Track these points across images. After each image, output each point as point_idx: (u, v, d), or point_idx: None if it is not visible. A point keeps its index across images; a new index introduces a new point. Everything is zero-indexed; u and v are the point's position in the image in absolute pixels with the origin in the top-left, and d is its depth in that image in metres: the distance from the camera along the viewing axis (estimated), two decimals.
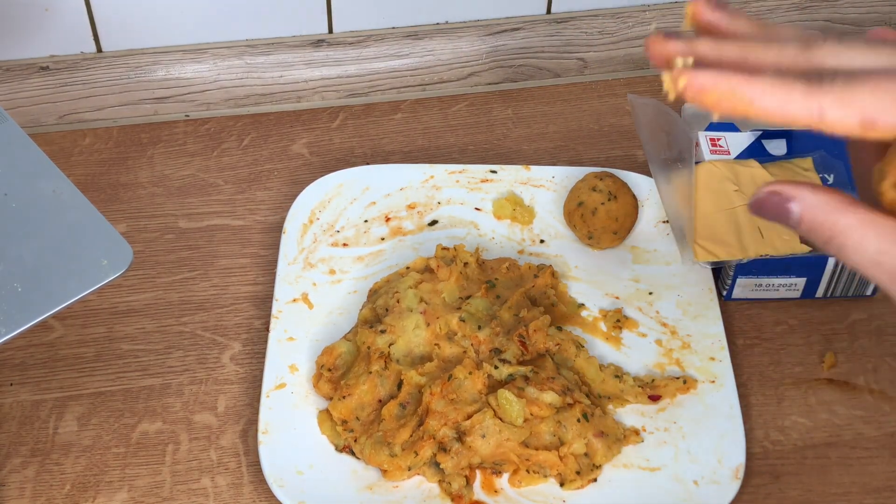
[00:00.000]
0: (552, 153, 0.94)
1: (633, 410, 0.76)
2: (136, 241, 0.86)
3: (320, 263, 0.83)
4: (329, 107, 0.98)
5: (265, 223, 0.88)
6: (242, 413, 0.76)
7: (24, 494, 0.72)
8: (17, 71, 0.93)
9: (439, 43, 0.98)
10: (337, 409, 0.73)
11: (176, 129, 0.96)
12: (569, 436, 0.72)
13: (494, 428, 0.71)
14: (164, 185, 0.91)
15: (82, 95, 0.94)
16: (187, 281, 0.84)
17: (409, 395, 0.73)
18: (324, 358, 0.76)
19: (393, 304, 0.78)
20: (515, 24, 0.99)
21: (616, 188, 0.82)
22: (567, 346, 0.77)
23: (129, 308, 0.82)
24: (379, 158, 0.93)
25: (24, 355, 0.79)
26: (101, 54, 0.94)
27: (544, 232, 0.87)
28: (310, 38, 0.97)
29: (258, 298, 0.83)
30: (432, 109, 0.98)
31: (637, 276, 0.84)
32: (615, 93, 1.00)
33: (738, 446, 0.73)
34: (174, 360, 0.79)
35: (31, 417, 0.76)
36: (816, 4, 1.01)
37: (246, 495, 0.72)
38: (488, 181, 0.89)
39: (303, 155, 0.94)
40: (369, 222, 0.86)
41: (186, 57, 0.95)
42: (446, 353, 0.76)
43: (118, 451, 0.74)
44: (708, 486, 0.71)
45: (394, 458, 0.71)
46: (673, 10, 1.00)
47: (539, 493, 0.71)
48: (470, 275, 0.81)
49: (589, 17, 0.99)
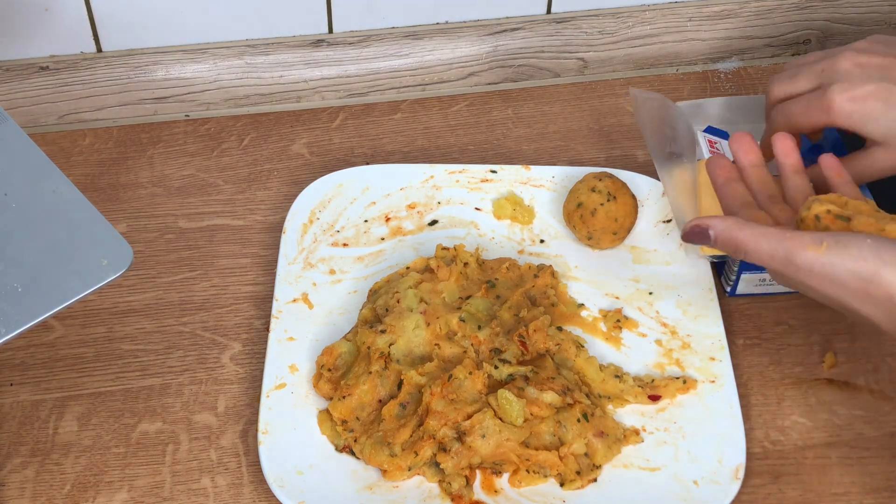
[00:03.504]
0: (552, 153, 0.94)
1: (633, 410, 0.76)
2: (136, 241, 0.86)
3: (320, 263, 0.83)
4: (329, 107, 0.98)
5: (265, 223, 0.88)
6: (242, 413, 0.76)
7: (24, 494, 0.72)
8: (17, 71, 0.93)
9: (439, 43, 0.98)
10: (337, 409, 0.73)
11: (176, 129, 0.96)
12: (569, 436, 0.72)
13: (494, 428, 0.71)
14: (164, 185, 0.91)
15: (82, 95, 0.94)
16: (187, 281, 0.84)
17: (409, 395, 0.73)
18: (324, 358, 0.76)
19: (393, 304, 0.78)
20: (515, 24, 0.99)
21: (615, 189, 0.82)
22: (567, 346, 0.77)
23: (129, 308, 0.82)
24: (379, 158, 0.93)
25: (24, 355, 0.79)
26: (101, 54, 0.94)
27: (544, 232, 0.87)
28: (310, 38, 0.97)
29: (258, 298, 0.83)
30: (432, 109, 0.98)
31: (637, 276, 0.84)
32: (615, 93, 1.00)
33: (738, 446, 0.73)
34: (174, 360, 0.79)
35: (31, 417, 0.76)
36: (816, 4, 1.01)
37: (246, 495, 0.72)
38: (488, 181, 0.89)
39: (303, 155, 0.94)
40: (369, 222, 0.86)
41: (186, 57, 0.95)
42: (446, 353, 0.76)
43: (118, 451, 0.74)
44: (708, 486, 0.71)
45: (394, 458, 0.71)
46: (673, 9, 1.00)
47: (539, 493, 0.71)
48: (470, 275, 0.81)
49: (589, 17, 0.99)
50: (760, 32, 1.02)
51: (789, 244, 0.63)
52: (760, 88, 1.01)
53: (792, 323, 0.82)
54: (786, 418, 0.77)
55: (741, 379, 0.79)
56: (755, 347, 0.81)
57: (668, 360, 0.78)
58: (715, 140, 0.87)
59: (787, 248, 0.63)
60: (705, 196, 0.82)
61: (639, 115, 0.87)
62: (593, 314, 0.81)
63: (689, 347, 0.79)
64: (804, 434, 0.76)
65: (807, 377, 0.79)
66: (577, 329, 0.80)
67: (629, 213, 0.83)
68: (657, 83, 1.01)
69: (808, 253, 0.62)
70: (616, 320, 0.81)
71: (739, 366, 0.79)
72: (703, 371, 0.77)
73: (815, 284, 0.63)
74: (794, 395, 0.78)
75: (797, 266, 0.63)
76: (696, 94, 0.99)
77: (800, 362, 0.80)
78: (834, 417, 0.77)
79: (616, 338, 0.80)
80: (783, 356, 0.80)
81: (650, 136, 0.85)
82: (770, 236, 0.64)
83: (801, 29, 1.03)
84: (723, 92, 1.00)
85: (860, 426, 0.76)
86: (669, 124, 0.85)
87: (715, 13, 1.01)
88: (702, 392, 0.76)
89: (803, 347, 0.81)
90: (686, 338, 0.80)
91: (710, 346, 0.79)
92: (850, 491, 0.73)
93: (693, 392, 0.76)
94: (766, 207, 0.71)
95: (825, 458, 0.75)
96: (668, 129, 0.85)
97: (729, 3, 1.01)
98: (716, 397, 0.76)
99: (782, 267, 0.64)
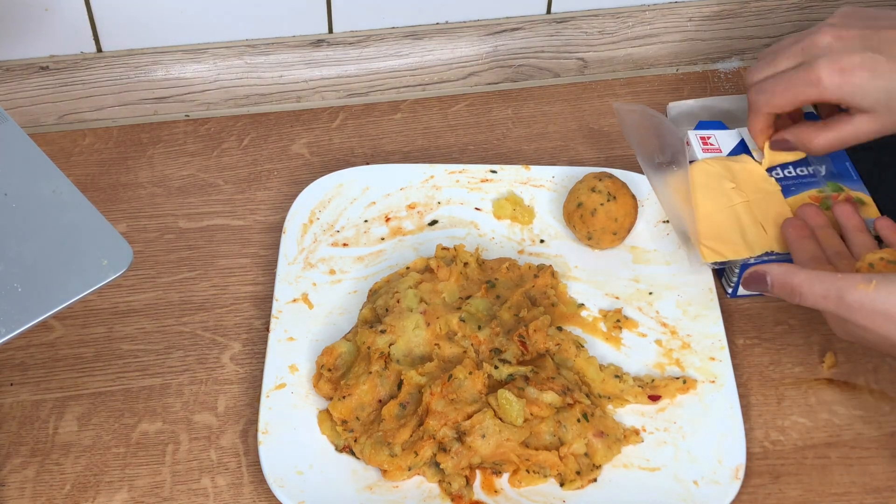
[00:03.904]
0: (552, 153, 0.94)
1: (633, 410, 0.76)
2: (136, 241, 0.86)
3: (320, 263, 0.83)
4: (329, 107, 0.98)
5: (265, 223, 0.88)
6: (242, 413, 0.76)
7: (24, 494, 0.72)
8: (17, 71, 0.93)
9: (439, 43, 0.98)
10: (337, 409, 0.73)
11: (176, 129, 0.96)
12: (569, 436, 0.72)
13: (494, 428, 0.71)
14: (164, 185, 0.91)
15: (82, 95, 0.94)
16: (187, 281, 0.84)
17: (409, 395, 0.73)
18: (324, 358, 0.76)
19: (393, 304, 0.78)
20: (515, 24, 0.99)
21: (615, 189, 0.82)
22: (567, 346, 0.77)
23: (129, 308, 0.82)
24: (379, 158, 0.93)
25: (24, 355, 0.79)
26: (101, 54, 0.94)
27: (544, 232, 0.87)
28: (310, 38, 0.97)
29: (258, 298, 0.83)
30: (432, 109, 0.98)
31: (637, 276, 0.84)
32: (615, 93, 1.00)
33: (738, 446, 0.73)
34: (174, 360, 0.79)
35: (31, 417, 0.76)
36: (816, 4, 1.01)
37: (246, 495, 0.72)
38: (488, 181, 0.89)
39: (303, 155, 0.94)
40: (369, 222, 0.86)
41: (186, 57, 0.95)
42: (446, 353, 0.76)
43: (118, 451, 0.74)
44: (708, 486, 0.71)
45: (394, 458, 0.71)
46: (673, 9, 1.00)
47: (539, 493, 0.71)
48: (470, 275, 0.81)
49: (589, 17, 0.99)
50: (760, 32, 1.02)
51: (841, 284, 0.67)
52: None
53: (792, 323, 0.82)
54: (786, 418, 0.77)
55: (741, 379, 0.79)
56: (755, 347, 0.81)
57: (668, 360, 0.79)
58: (708, 135, 0.87)
59: (839, 287, 0.67)
60: (700, 198, 0.82)
61: (624, 128, 0.87)
62: (593, 314, 0.81)
63: (689, 347, 0.79)
64: (804, 434, 0.76)
65: (807, 377, 0.79)
66: (577, 329, 0.80)
67: (629, 213, 0.83)
68: (657, 83, 1.01)
69: (859, 290, 0.66)
70: (616, 320, 0.81)
71: (739, 366, 0.79)
72: (703, 371, 0.77)
73: (867, 322, 0.66)
74: (794, 395, 0.78)
75: (849, 305, 0.66)
76: (696, 94, 0.99)
77: (800, 362, 0.80)
78: (834, 417, 0.77)
79: (616, 338, 0.80)
80: (783, 356, 0.80)
81: (637, 148, 0.85)
82: (823, 278, 0.68)
83: (800, 29, 1.02)
84: (723, 92, 1.00)
85: (860, 426, 0.76)
86: (654, 134, 0.85)
87: (715, 13, 1.01)
88: (702, 392, 0.76)
89: (803, 347, 0.81)
90: (686, 338, 0.80)
91: (710, 346, 0.79)
92: (850, 491, 0.73)
93: (693, 392, 0.76)
94: (833, 261, 0.76)
95: (825, 458, 0.75)
96: (654, 138, 0.85)
97: (729, 3, 1.01)
98: (716, 397, 0.76)
99: (835, 306, 0.67)
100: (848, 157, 0.86)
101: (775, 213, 0.82)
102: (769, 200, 0.83)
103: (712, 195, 0.83)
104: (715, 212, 0.82)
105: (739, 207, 0.82)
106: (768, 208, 0.82)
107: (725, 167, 0.84)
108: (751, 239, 0.80)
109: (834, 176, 0.85)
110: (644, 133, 0.86)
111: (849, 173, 0.85)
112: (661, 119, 0.86)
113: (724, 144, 0.86)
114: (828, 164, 0.85)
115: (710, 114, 0.92)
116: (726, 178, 0.84)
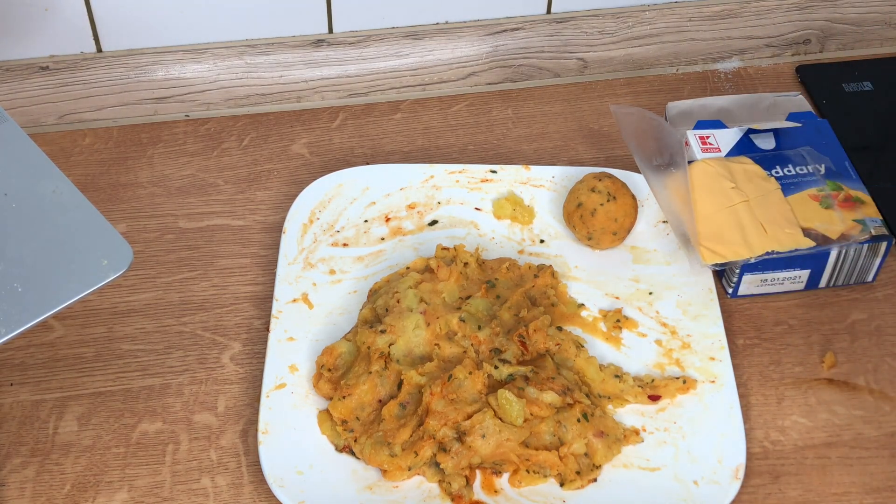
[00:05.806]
0: (552, 153, 0.94)
1: (633, 410, 0.76)
2: (136, 241, 0.86)
3: (320, 263, 0.83)
4: (329, 107, 0.98)
5: (265, 223, 0.88)
6: (242, 413, 0.76)
7: (24, 494, 0.72)
8: (17, 71, 0.93)
9: (439, 43, 0.98)
10: (337, 409, 0.73)
11: (176, 129, 0.96)
12: (569, 436, 0.72)
13: (494, 428, 0.71)
14: (164, 185, 0.91)
15: (82, 95, 0.94)
16: (187, 281, 0.84)
17: (409, 395, 0.73)
18: (324, 358, 0.76)
19: (393, 304, 0.78)
20: (515, 24, 0.99)
21: (615, 189, 0.82)
22: (567, 346, 0.77)
23: (129, 308, 0.82)
24: (379, 158, 0.93)
25: (24, 355, 0.79)
26: (101, 54, 0.94)
27: (544, 232, 0.87)
28: (310, 38, 0.97)
29: (258, 298, 0.83)
30: (432, 109, 0.98)
31: (637, 276, 0.84)
32: (615, 93, 1.00)
33: (738, 446, 0.73)
34: (174, 360, 0.79)
35: (31, 417, 0.76)
36: (816, 4, 1.02)
37: (246, 495, 0.72)
38: (488, 181, 0.89)
39: (303, 155, 0.94)
40: (369, 222, 0.86)
41: (186, 57, 0.95)
42: (446, 353, 0.76)
43: (118, 451, 0.74)
44: (708, 486, 0.71)
45: (394, 458, 0.71)
46: (673, 9, 1.00)
47: (539, 493, 0.71)
48: (470, 275, 0.81)
49: (589, 17, 0.99)
50: (760, 32, 1.02)
51: None
52: (760, 88, 1.01)
53: (792, 323, 0.82)
54: (786, 418, 0.77)
55: (741, 379, 0.79)
56: (755, 347, 0.81)
57: (668, 360, 0.79)
58: (707, 134, 0.87)
59: None
60: (699, 198, 0.82)
61: (623, 131, 0.87)
62: (593, 314, 0.81)
63: (689, 347, 0.79)
64: (804, 434, 0.76)
65: (807, 377, 0.79)
66: (577, 329, 0.80)
67: (629, 213, 0.83)
68: (657, 83, 1.01)
69: None
70: (616, 320, 0.81)
71: (739, 366, 0.79)
72: (703, 371, 0.77)
73: None
74: (794, 395, 0.78)
75: None
76: (696, 94, 0.99)
77: (800, 362, 0.80)
78: (834, 417, 0.77)
79: (616, 338, 0.80)
80: (783, 356, 0.80)
81: (636, 150, 0.85)
82: None
83: (801, 29, 1.03)
84: (723, 92, 1.00)
85: (860, 426, 0.76)
86: (652, 136, 0.85)
87: (715, 13, 1.01)
88: (702, 392, 0.76)
89: (803, 347, 0.81)
90: (686, 338, 0.80)
91: (710, 345, 0.79)
92: (850, 491, 0.73)
93: (693, 392, 0.76)
94: None
95: (825, 458, 0.75)
96: (652, 140, 0.85)
97: (729, 3, 1.01)
98: (716, 397, 0.76)
99: None
100: (848, 157, 0.86)
101: (775, 213, 0.82)
102: (769, 200, 0.83)
103: (711, 195, 0.83)
104: (714, 212, 0.82)
105: (739, 207, 0.82)
106: (768, 208, 0.82)
107: (724, 167, 0.84)
108: (751, 239, 0.80)
109: (833, 175, 0.85)
110: (642, 135, 0.86)
111: (848, 172, 0.85)
112: (659, 121, 0.86)
113: (724, 143, 0.86)
114: (827, 163, 0.85)
115: (709, 113, 0.92)
116: (726, 178, 0.84)
